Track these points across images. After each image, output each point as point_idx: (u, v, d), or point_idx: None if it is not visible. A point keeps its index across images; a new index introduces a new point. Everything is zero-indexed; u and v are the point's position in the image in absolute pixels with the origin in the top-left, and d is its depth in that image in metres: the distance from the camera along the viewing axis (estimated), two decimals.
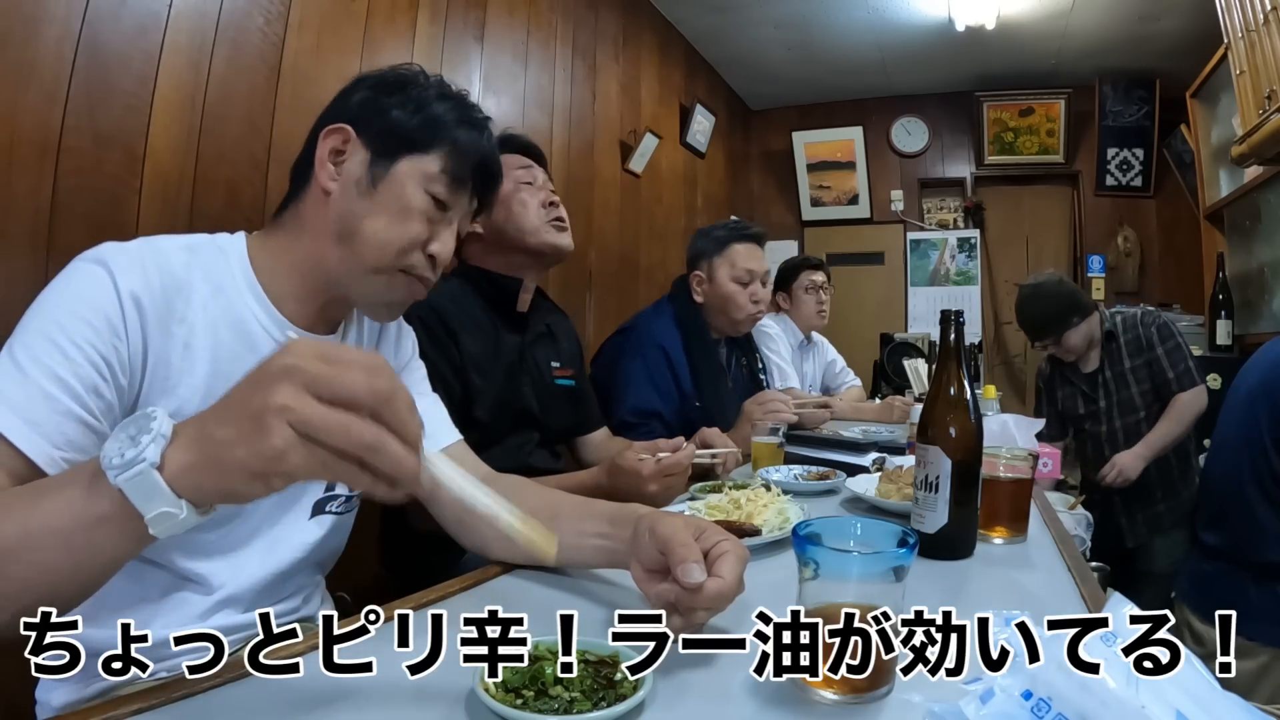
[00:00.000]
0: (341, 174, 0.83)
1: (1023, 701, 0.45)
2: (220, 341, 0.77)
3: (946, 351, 0.94)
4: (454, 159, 0.85)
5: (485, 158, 0.89)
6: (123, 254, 0.73)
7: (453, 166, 0.85)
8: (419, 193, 0.84)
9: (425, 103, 0.86)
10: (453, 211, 0.87)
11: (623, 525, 0.75)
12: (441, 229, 0.86)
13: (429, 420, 0.97)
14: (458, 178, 0.86)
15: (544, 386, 1.50)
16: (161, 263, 0.74)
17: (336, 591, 1.02)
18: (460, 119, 0.87)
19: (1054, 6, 3.16)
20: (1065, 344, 2.39)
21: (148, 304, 0.72)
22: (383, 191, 0.83)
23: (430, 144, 0.85)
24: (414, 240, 0.84)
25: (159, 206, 1.23)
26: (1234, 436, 1.64)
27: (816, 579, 0.55)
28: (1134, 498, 2.32)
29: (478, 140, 0.88)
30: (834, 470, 1.37)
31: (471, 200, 0.90)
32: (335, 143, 0.84)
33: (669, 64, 3.46)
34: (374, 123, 0.84)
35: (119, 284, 0.70)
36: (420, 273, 0.86)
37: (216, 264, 0.80)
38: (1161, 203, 3.94)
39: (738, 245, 2.01)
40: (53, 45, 1.09)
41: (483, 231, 1.45)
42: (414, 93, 0.86)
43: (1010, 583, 0.87)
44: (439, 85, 0.89)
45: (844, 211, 4.47)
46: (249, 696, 0.55)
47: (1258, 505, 1.54)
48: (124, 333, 0.70)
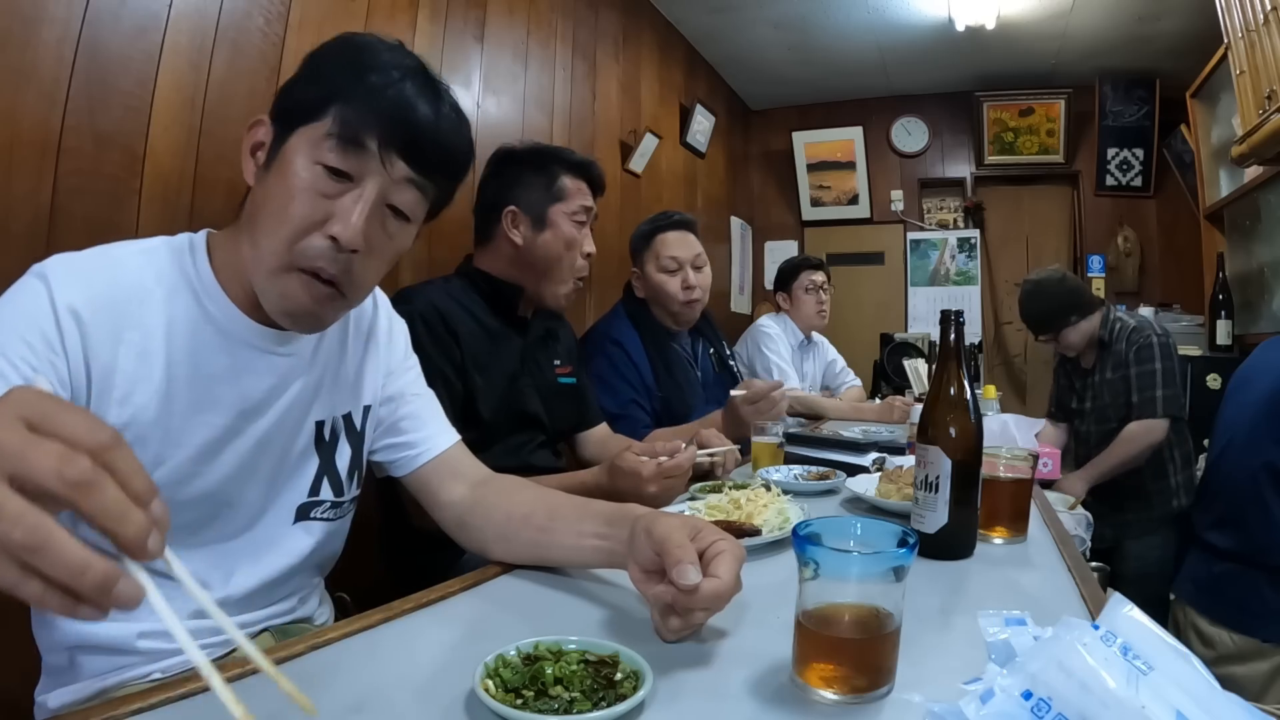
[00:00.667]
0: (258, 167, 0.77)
1: (1023, 701, 0.45)
2: (178, 345, 0.74)
3: (946, 351, 0.94)
4: (346, 115, 0.72)
5: (395, 106, 0.73)
6: (65, 266, 0.70)
7: (343, 125, 0.72)
8: (305, 165, 0.72)
9: (323, 63, 0.76)
10: (360, 181, 0.73)
11: (620, 526, 0.75)
12: (344, 204, 0.73)
13: (426, 418, 0.97)
14: (349, 137, 0.72)
15: (547, 386, 1.50)
16: (110, 272, 0.72)
17: (336, 592, 1.02)
18: (357, 69, 0.73)
19: (1054, 6, 3.16)
20: (1063, 341, 2.40)
21: (88, 317, 0.69)
22: (274, 174, 0.74)
23: (322, 107, 0.72)
24: (301, 223, 0.72)
25: (159, 207, 1.23)
26: (1247, 437, 1.62)
27: (816, 579, 0.55)
28: (1102, 504, 2.30)
29: (380, 88, 0.73)
30: (834, 470, 1.37)
31: (392, 163, 0.74)
32: (256, 135, 0.77)
33: (669, 64, 3.46)
34: (280, 101, 0.77)
35: (55, 298, 0.68)
36: (315, 265, 0.73)
37: (174, 265, 0.76)
38: (1161, 203, 3.94)
39: (662, 235, 2.02)
40: (52, 46, 1.09)
41: (520, 241, 1.45)
42: (317, 54, 0.77)
43: (1010, 583, 0.87)
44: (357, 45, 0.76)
45: (844, 211, 4.47)
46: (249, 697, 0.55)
47: (1275, 506, 1.53)
48: (61, 348, 0.67)
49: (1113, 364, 2.32)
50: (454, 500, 0.93)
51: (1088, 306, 2.36)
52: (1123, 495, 2.33)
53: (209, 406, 0.76)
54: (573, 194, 1.50)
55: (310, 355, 0.85)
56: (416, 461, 0.94)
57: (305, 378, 0.84)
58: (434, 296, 1.34)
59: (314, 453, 0.87)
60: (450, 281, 1.45)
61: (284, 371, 0.82)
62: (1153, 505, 2.30)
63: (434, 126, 0.75)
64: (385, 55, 0.75)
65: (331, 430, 0.89)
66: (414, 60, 0.77)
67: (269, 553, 0.83)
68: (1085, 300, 2.37)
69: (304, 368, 0.84)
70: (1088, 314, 2.35)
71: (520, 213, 1.46)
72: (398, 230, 0.79)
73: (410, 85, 0.74)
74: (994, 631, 0.60)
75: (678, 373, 1.94)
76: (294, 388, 0.83)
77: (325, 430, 0.88)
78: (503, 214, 1.46)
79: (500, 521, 0.89)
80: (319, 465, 0.87)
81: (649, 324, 1.98)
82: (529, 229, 1.47)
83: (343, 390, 0.90)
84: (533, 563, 0.85)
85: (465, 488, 0.94)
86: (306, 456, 0.86)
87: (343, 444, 0.90)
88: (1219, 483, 1.75)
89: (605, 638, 0.61)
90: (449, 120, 0.77)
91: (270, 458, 0.82)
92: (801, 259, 3.00)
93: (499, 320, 1.43)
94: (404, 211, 0.78)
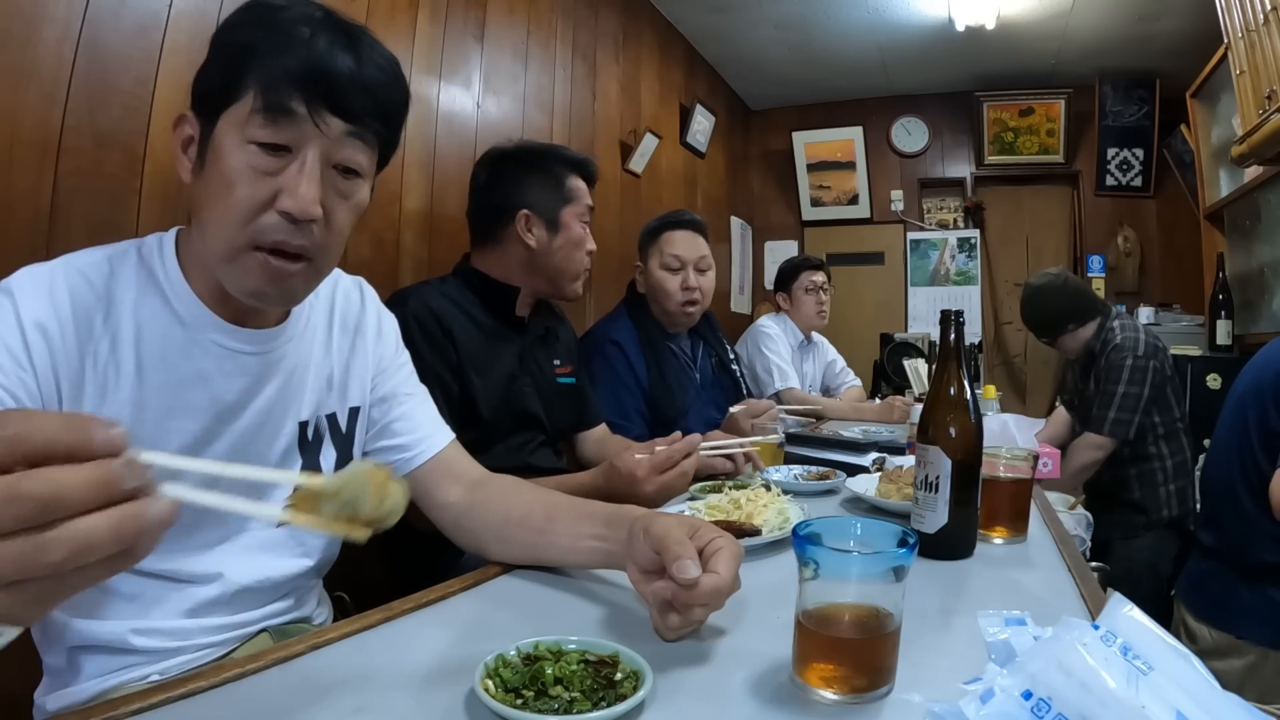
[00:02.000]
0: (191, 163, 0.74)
1: (1023, 701, 0.45)
2: (148, 350, 0.73)
3: (946, 351, 0.94)
4: (266, 87, 0.68)
5: (313, 63, 0.68)
6: (31, 280, 0.69)
7: (266, 97, 0.68)
8: (237, 148, 0.69)
9: (228, 39, 0.71)
10: (299, 150, 0.70)
11: (618, 527, 0.74)
12: (288, 177, 0.70)
13: (420, 418, 0.95)
14: (276, 107, 0.68)
15: (547, 386, 1.50)
16: (74, 283, 0.70)
17: (335, 592, 1.02)
18: (265, 35, 0.69)
19: (1054, 6, 3.16)
20: (1061, 346, 2.43)
21: (55, 330, 0.68)
22: (209, 167, 0.71)
23: (239, 85, 0.69)
24: (246, 208, 0.69)
25: (159, 206, 1.23)
26: (1227, 438, 1.65)
27: (816, 579, 0.55)
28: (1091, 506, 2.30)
29: (293, 48, 0.68)
30: (834, 470, 1.37)
31: (326, 122, 0.70)
32: (183, 132, 0.74)
33: (669, 64, 3.46)
34: (196, 89, 0.73)
35: (21, 314, 0.67)
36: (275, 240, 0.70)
37: (142, 267, 0.75)
38: (1161, 203, 3.94)
39: (669, 233, 2.02)
40: (53, 45, 1.09)
41: (534, 244, 1.45)
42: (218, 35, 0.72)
43: (1010, 583, 0.87)
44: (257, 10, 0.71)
45: (844, 211, 4.47)
46: (249, 696, 0.55)
47: (1248, 505, 1.54)
48: (29, 364, 0.66)
49: (1095, 375, 2.33)
50: (451, 502, 0.92)
51: (1086, 313, 2.36)
52: (1111, 498, 2.34)
53: (183, 411, 0.75)
54: (580, 195, 1.51)
55: (285, 354, 0.83)
56: (412, 464, 0.93)
57: (280, 377, 0.83)
58: (428, 297, 1.34)
59: (297, 454, 0.85)
60: (445, 282, 1.44)
61: (258, 372, 0.80)
62: (1142, 512, 2.30)
63: (358, 75, 0.71)
64: (287, 13, 0.70)
65: (315, 431, 0.87)
66: (319, 10, 0.72)
67: (260, 554, 0.82)
68: (1084, 307, 2.37)
69: (278, 367, 0.82)
70: (1086, 321, 2.35)
71: (534, 216, 1.46)
72: (351, 188, 0.75)
73: (323, 38, 0.70)
74: (994, 631, 0.60)
75: (670, 375, 1.93)
76: (269, 388, 0.81)
77: (309, 431, 0.86)
78: (516, 217, 1.45)
79: (497, 523, 0.88)
80: (302, 467, 0.85)
81: (646, 322, 1.98)
82: (542, 231, 1.46)
83: (328, 390, 0.88)
84: (530, 564, 0.85)
85: (462, 489, 0.93)
86: (289, 458, 0.85)
87: (327, 446, 0.88)
88: (1208, 482, 1.77)
89: (605, 637, 0.61)
90: (373, 64, 0.73)
91: (250, 460, 0.80)
92: (801, 259, 2.99)
93: (495, 320, 1.43)
94: (352, 168, 0.74)
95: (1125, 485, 2.31)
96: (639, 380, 1.87)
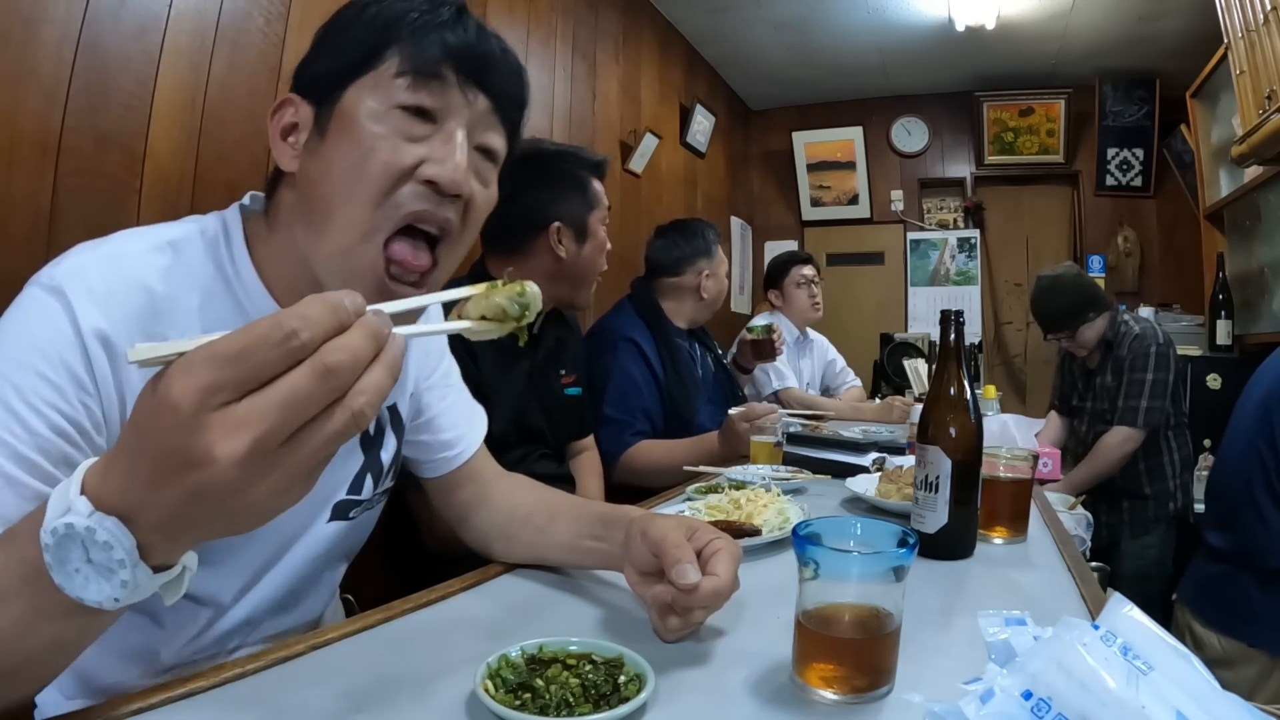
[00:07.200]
0: (299, 147, 0.67)
1: (1023, 701, 0.45)
2: None
3: (946, 351, 0.94)
4: (414, 50, 0.64)
5: (460, 35, 0.66)
6: (82, 279, 0.59)
7: (414, 59, 0.64)
8: (377, 112, 0.63)
9: (355, 17, 0.67)
10: (444, 119, 0.65)
11: (615, 528, 0.74)
12: (435, 145, 0.64)
13: (465, 411, 0.93)
14: (426, 70, 0.64)
15: (553, 400, 1.49)
16: (132, 281, 0.62)
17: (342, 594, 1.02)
18: (403, 7, 0.66)
19: (1054, 6, 3.16)
20: (1079, 339, 2.38)
21: (118, 340, 0.59)
22: (333, 141, 0.64)
23: (376, 53, 0.65)
24: (388, 174, 0.63)
25: (159, 207, 1.23)
26: (1245, 441, 1.63)
27: (816, 579, 0.55)
28: (1099, 503, 2.30)
29: (438, 23, 0.65)
30: (802, 469, 1.37)
31: (474, 95, 0.66)
32: (285, 117, 0.68)
33: (669, 64, 3.46)
34: (308, 72, 0.68)
35: (80, 322, 0.58)
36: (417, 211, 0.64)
37: (209, 262, 0.68)
38: (1161, 203, 3.94)
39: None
40: (52, 46, 1.09)
41: (565, 255, 1.44)
42: (345, 14, 0.68)
43: (1010, 583, 0.87)
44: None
45: (844, 211, 4.47)
46: (250, 696, 0.55)
47: (1268, 511, 1.53)
48: (92, 385, 0.58)
49: (1114, 368, 2.32)
50: (465, 499, 0.92)
51: (1102, 304, 2.36)
52: (1120, 496, 2.33)
53: None
54: (602, 198, 1.49)
55: None
56: (453, 463, 0.90)
57: None
58: None
59: (358, 450, 0.81)
60: None
61: None
62: (1150, 506, 2.30)
63: (502, 55, 0.69)
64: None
65: (377, 424, 0.82)
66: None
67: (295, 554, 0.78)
68: (1101, 296, 2.37)
69: None
70: (1103, 311, 2.35)
71: (565, 227, 1.44)
72: (489, 175, 0.70)
73: (465, 17, 0.67)
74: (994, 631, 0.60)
75: (685, 372, 1.94)
76: None
77: (371, 425, 0.79)
78: (549, 230, 1.43)
79: (502, 522, 0.88)
80: (363, 463, 0.81)
81: (660, 322, 1.97)
82: (572, 242, 1.45)
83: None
84: (532, 562, 0.86)
85: (477, 486, 0.92)
86: (350, 453, 0.80)
87: (388, 437, 0.84)
88: (1220, 485, 1.75)
89: (606, 638, 0.61)
90: (509, 53, 0.71)
91: None
92: (789, 254, 2.97)
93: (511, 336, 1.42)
94: (493, 150, 0.70)
95: (1135, 480, 2.31)
96: (656, 379, 1.86)
